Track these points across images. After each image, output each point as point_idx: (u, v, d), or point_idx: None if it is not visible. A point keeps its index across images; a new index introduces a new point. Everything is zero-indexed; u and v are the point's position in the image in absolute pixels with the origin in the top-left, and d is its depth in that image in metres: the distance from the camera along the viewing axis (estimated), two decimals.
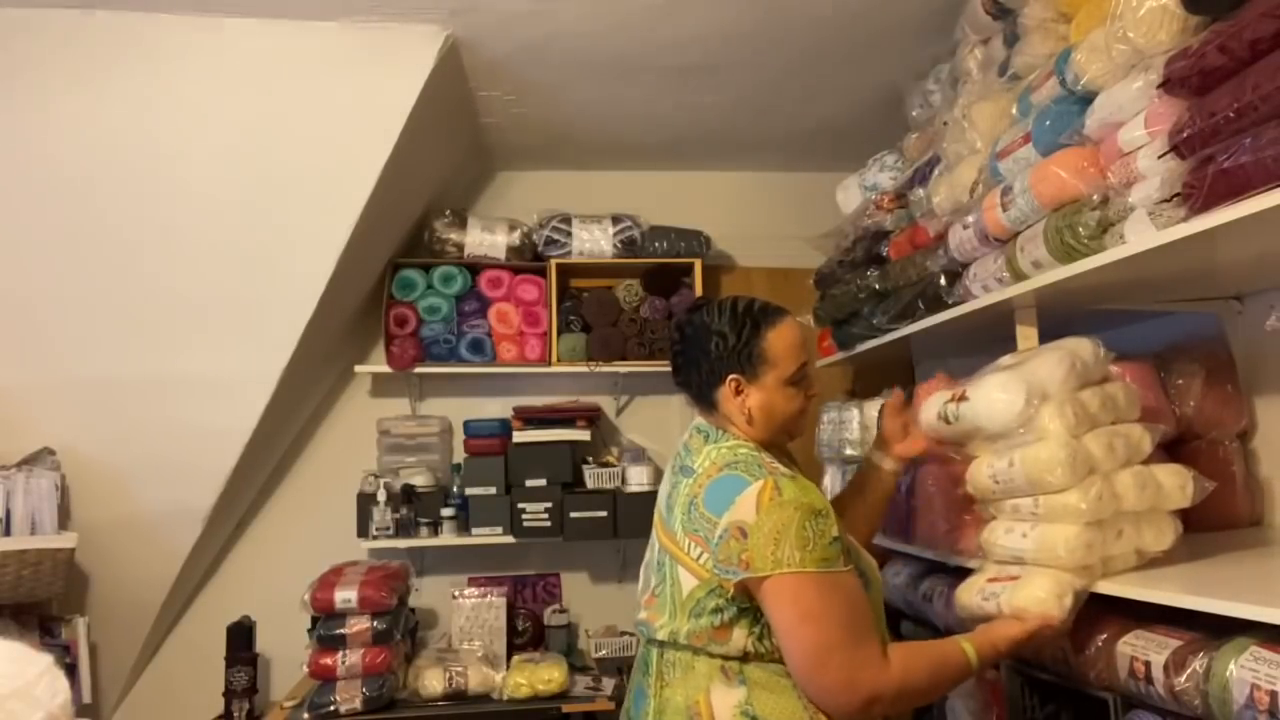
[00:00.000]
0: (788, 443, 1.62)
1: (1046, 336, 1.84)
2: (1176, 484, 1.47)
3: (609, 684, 2.74)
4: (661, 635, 1.43)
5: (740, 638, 1.37)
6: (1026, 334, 1.84)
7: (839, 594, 1.33)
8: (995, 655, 1.42)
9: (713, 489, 1.40)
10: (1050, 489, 1.39)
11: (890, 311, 2.37)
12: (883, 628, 1.46)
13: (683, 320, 1.58)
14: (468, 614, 2.92)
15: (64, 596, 2.55)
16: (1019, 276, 1.76)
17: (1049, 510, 1.40)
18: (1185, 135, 1.28)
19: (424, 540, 3.03)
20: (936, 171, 2.16)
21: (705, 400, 1.54)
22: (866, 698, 1.31)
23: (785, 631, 1.34)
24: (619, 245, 3.20)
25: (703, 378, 1.53)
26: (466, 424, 3.17)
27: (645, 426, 3.43)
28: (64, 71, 2.23)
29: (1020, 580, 1.41)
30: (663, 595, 1.45)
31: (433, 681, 2.61)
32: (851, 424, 2.46)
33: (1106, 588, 1.42)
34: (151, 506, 2.70)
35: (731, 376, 1.50)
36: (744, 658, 1.38)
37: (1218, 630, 1.25)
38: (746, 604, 1.36)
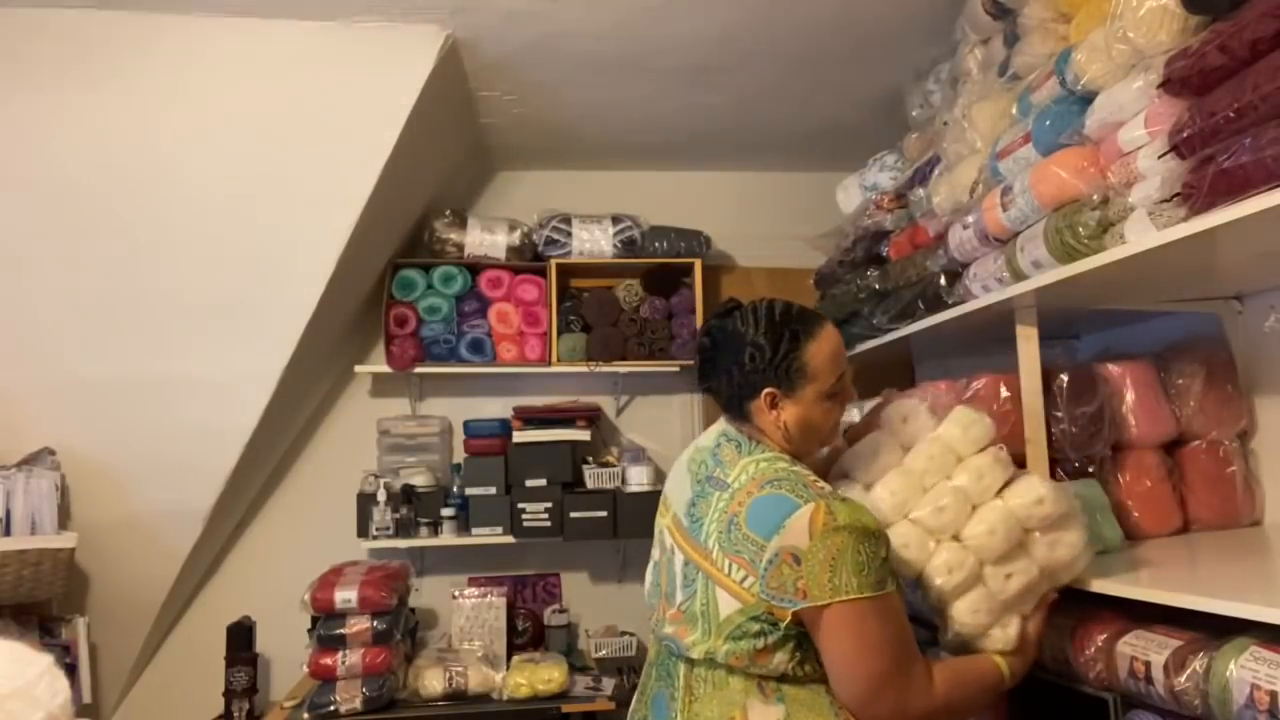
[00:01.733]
0: (819, 450, 1.58)
1: (1047, 336, 1.84)
2: (1031, 499, 1.42)
3: (609, 684, 2.74)
4: (695, 654, 1.36)
5: (782, 661, 1.33)
6: (1026, 334, 1.84)
7: (892, 619, 1.31)
8: (1027, 664, 1.46)
9: (756, 509, 1.33)
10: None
11: (890, 311, 2.37)
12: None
13: (714, 325, 1.49)
14: (468, 614, 2.92)
15: (64, 596, 2.55)
16: (1019, 276, 1.76)
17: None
18: (1185, 135, 1.28)
19: (424, 540, 3.03)
20: (936, 171, 2.16)
21: (735, 410, 1.47)
22: None
23: (840, 658, 1.31)
24: (619, 245, 3.20)
25: (735, 388, 1.45)
26: (466, 424, 3.17)
27: (645, 426, 3.43)
28: (64, 72, 2.23)
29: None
30: (691, 611, 1.38)
31: (433, 681, 2.61)
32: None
33: (1107, 588, 1.43)
34: (151, 506, 2.70)
35: (767, 391, 1.42)
36: (781, 678, 1.34)
37: (1218, 630, 1.25)
38: (793, 631, 1.31)
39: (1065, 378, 1.81)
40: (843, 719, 1.33)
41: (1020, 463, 1.79)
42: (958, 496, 1.43)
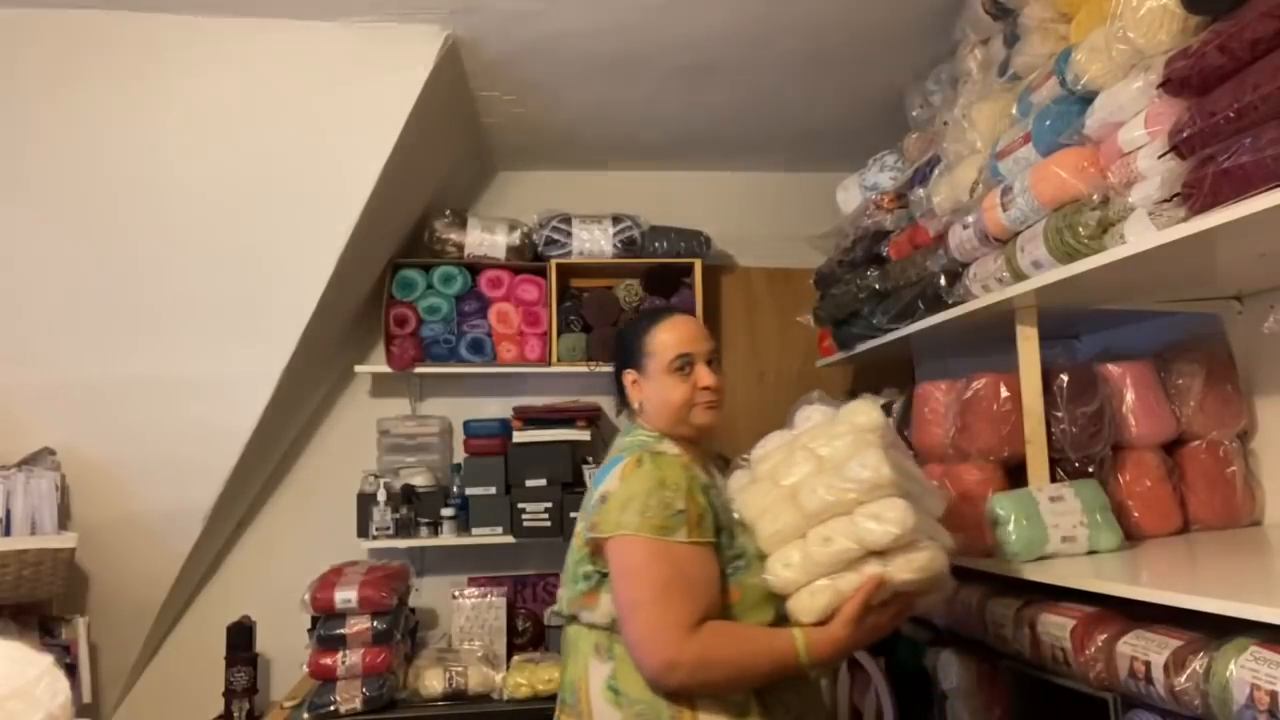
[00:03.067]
0: (698, 435, 1.65)
1: (1047, 336, 1.84)
2: (862, 472, 1.40)
3: None
4: (562, 605, 1.57)
5: (606, 603, 1.47)
6: (1026, 334, 1.84)
7: (664, 561, 1.40)
8: (832, 644, 1.40)
9: (602, 469, 1.57)
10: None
11: (890, 311, 2.37)
12: (760, 615, 1.46)
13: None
14: (468, 614, 2.92)
15: (64, 596, 2.55)
16: (1019, 276, 1.76)
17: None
18: (1185, 135, 1.28)
19: (424, 540, 3.03)
20: (936, 171, 2.16)
21: (622, 399, 1.72)
22: (663, 661, 1.36)
23: (612, 589, 1.45)
24: (619, 245, 3.20)
25: (616, 379, 1.72)
26: (466, 424, 3.17)
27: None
28: (63, 72, 2.23)
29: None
30: (565, 571, 1.59)
31: (433, 681, 2.61)
32: None
33: (1107, 588, 1.42)
34: (151, 506, 2.70)
35: (628, 372, 1.68)
36: (611, 627, 1.46)
37: (1218, 630, 1.25)
38: (606, 569, 1.47)
39: (1065, 378, 1.81)
40: None
41: (1020, 463, 1.79)
42: (809, 458, 1.48)
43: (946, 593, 1.59)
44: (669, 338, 1.65)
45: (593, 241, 3.19)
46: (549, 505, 3.01)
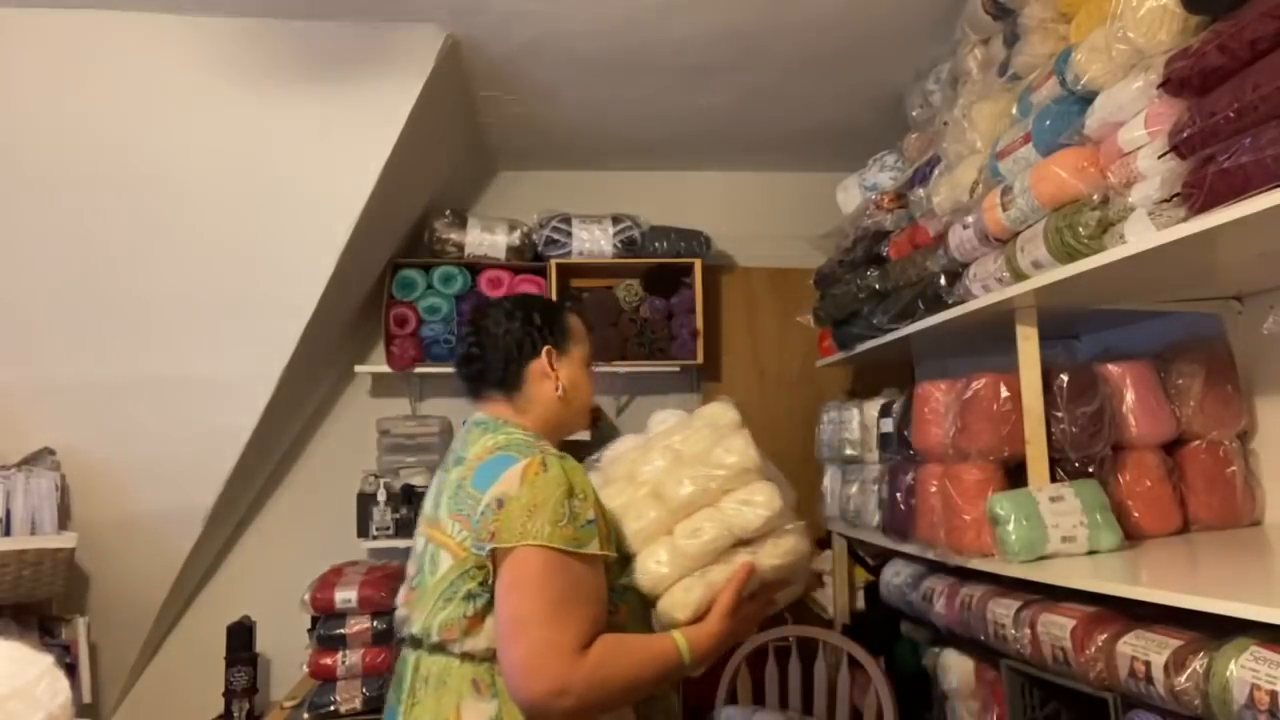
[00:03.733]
0: (567, 437, 1.60)
1: (1047, 336, 1.84)
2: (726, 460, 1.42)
3: None
4: (416, 629, 1.33)
5: (490, 629, 1.28)
6: (1026, 334, 1.84)
7: (563, 575, 1.24)
8: (711, 639, 1.34)
9: (482, 469, 1.34)
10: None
11: (890, 311, 2.37)
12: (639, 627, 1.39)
13: (477, 314, 1.57)
14: None
15: (64, 596, 2.55)
16: (1019, 276, 1.76)
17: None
18: (1185, 135, 1.28)
19: None
20: (936, 171, 2.16)
21: (511, 380, 1.50)
22: (551, 688, 1.19)
23: (496, 602, 1.25)
24: (619, 245, 3.20)
25: (513, 353, 1.50)
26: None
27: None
28: (62, 71, 2.23)
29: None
30: (421, 585, 1.36)
31: None
32: (851, 424, 2.46)
33: (1107, 588, 1.43)
34: (151, 506, 2.70)
35: (548, 347, 1.50)
36: (493, 658, 1.28)
37: (1218, 630, 1.25)
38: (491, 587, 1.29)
39: (1065, 378, 1.81)
40: None
41: (1020, 463, 1.79)
42: (666, 452, 1.46)
43: (806, 582, 1.56)
44: (584, 331, 1.56)
45: (593, 241, 3.19)
46: None
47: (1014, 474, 1.83)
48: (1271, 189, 1.14)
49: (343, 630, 2.54)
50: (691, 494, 1.38)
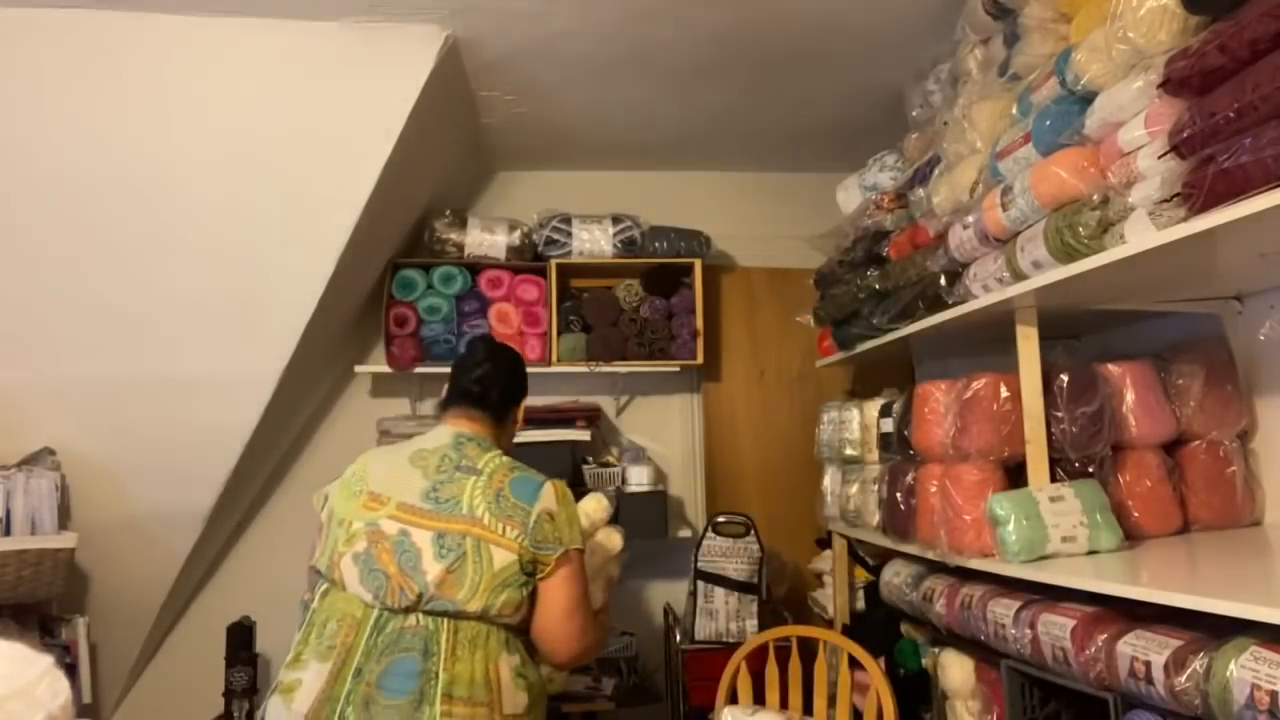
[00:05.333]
0: None
1: (1047, 336, 1.84)
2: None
3: (609, 684, 2.75)
4: (471, 607, 1.62)
5: (527, 609, 1.68)
6: (1026, 334, 1.84)
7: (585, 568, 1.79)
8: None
9: (517, 485, 1.71)
10: None
11: (890, 311, 2.37)
12: None
13: (495, 350, 1.96)
14: None
15: (64, 596, 2.55)
16: (1019, 276, 1.76)
17: None
18: (1185, 135, 1.28)
19: None
20: (936, 171, 2.16)
21: (499, 415, 1.90)
22: (593, 644, 1.76)
23: (563, 592, 1.68)
24: (619, 245, 3.20)
25: (514, 394, 1.94)
26: None
27: (645, 426, 3.43)
28: (63, 71, 2.23)
29: None
30: (461, 572, 1.63)
31: None
32: (851, 424, 2.46)
33: (1107, 588, 1.43)
34: (151, 507, 2.70)
35: (524, 398, 1.98)
36: (520, 629, 1.69)
37: (1218, 630, 1.25)
38: (534, 584, 1.68)
39: (1065, 378, 1.81)
40: (537, 660, 1.74)
41: (1020, 463, 1.80)
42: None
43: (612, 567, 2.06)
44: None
45: (593, 241, 3.19)
46: None
47: (1014, 474, 1.83)
48: (1271, 189, 1.14)
49: None
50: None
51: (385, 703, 1.57)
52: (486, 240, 3.17)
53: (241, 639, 2.90)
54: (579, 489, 3.07)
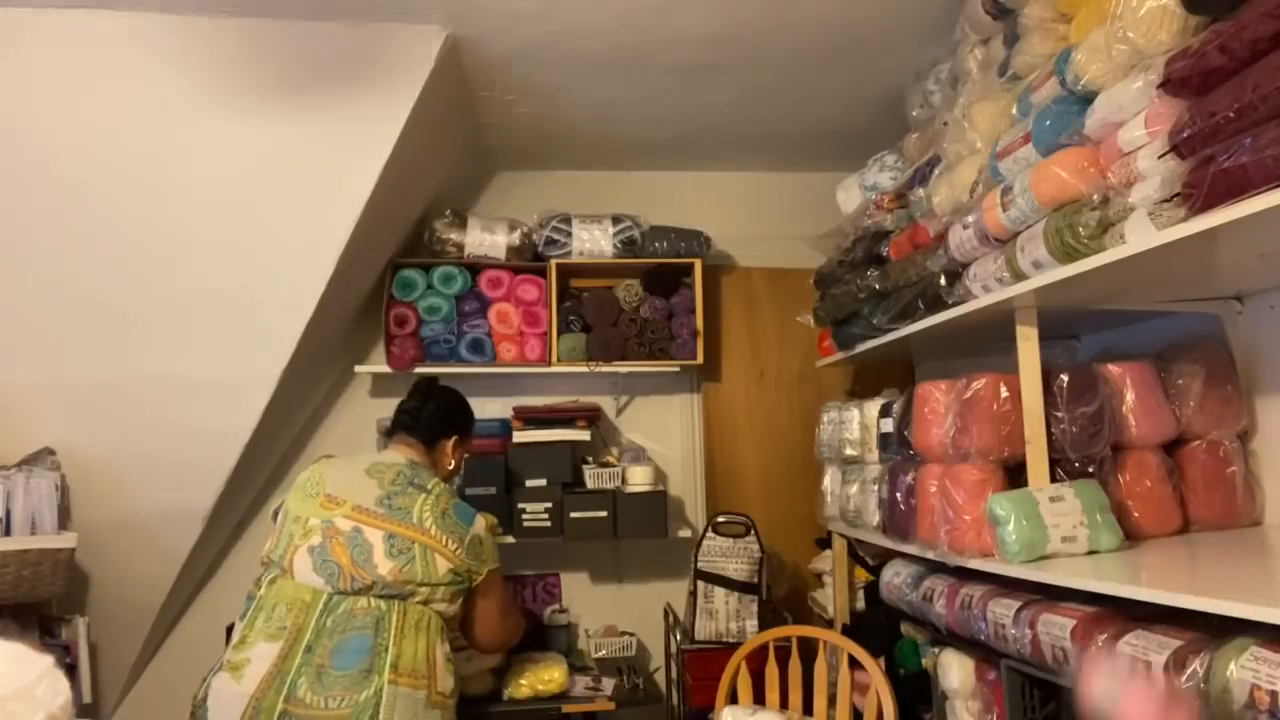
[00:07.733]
0: None
1: (1047, 336, 1.84)
2: None
3: (609, 684, 2.74)
4: (419, 598, 1.99)
5: (460, 605, 2.09)
6: (1026, 334, 1.84)
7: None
8: None
9: (458, 508, 2.10)
10: None
11: (890, 311, 2.37)
12: None
13: (434, 388, 2.36)
14: None
15: (64, 596, 2.55)
16: (1019, 276, 1.76)
17: None
18: (1185, 135, 1.28)
19: None
20: (936, 171, 2.16)
21: (429, 442, 2.27)
22: (514, 638, 2.38)
23: (482, 595, 2.14)
24: (619, 245, 3.20)
25: (439, 429, 2.29)
26: None
27: (645, 426, 3.43)
28: (63, 71, 2.23)
29: None
30: (412, 569, 1.98)
31: None
32: (851, 424, 2.46)
33: (1107, 588, 1.43)
34: (151, 507, 2.70)
35: (456, 436, 2.32)
36: (452, 616, 2.07)
37: (1218, 630, 1.25)
38: (467, 588, 2.09)
39: (1065, 378, 1.81)
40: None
41: (1020, 463, 1.80)
42: None
43: None
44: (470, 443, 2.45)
45: (593, 241, 3.19)
46: (549, 505, 3.01)
47: (1014, 474, 1.83)
48: (1271, 189, 1.14)
49: None
50: None
51: (337, 674, 1.84)
52: (486, 240, 3.17)
53: None
54: (579, 489, 3.11)
